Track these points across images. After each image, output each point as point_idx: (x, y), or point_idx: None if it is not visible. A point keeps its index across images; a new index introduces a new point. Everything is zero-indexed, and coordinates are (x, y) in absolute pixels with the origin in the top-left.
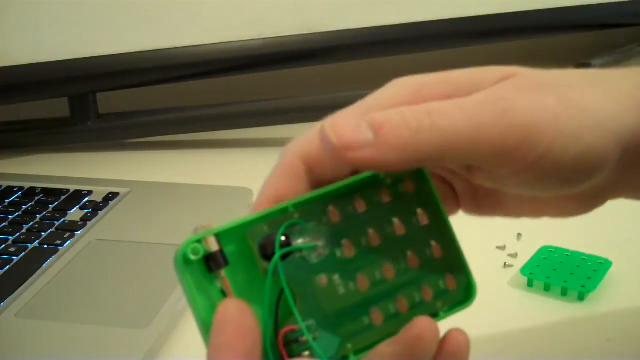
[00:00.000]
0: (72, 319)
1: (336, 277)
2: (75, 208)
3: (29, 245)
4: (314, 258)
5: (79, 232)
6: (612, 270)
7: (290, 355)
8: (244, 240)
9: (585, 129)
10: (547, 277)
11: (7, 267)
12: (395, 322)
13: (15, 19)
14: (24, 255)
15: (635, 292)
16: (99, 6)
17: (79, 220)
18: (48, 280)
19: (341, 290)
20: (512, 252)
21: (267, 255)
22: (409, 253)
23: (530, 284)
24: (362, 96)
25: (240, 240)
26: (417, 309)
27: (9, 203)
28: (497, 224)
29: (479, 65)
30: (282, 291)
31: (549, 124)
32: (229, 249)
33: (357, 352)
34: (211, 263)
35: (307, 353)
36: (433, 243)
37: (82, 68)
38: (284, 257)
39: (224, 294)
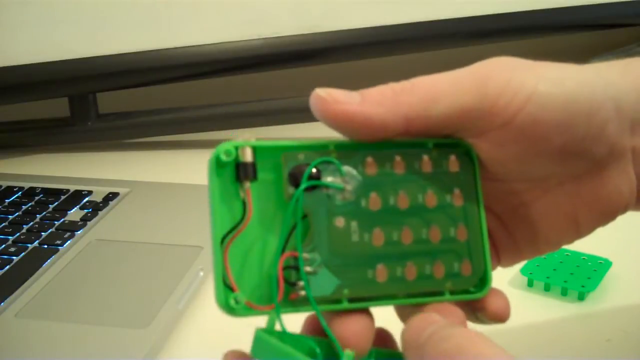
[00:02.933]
0: (72, 319)
1: (354, 224)
2: (75, 208)
3: (29, 245)
4: (338, 199)
5: (79, 232)
6: (612, 270)
7: (287, 280)
8: (277, 162)
9: (567, 79)
10: (547, 277)
11: (7, 267)
12: (399, 286)
13: (15, 19)
14: (24, 255)
15: (635, 292)
16: (99, 6)
17: (79, 220)
18: (48, 280)
19: (355, 237)
20: None
21: (295, 183)
22: (433, 226)
23: (530, 284)
24: None
25: (274, 161)
26: (424, 280)
27: (9, 203)
28: None
29: None
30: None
31: (527, 73)
32: (262, 166)
33: (352, 300)
34: (241, 172)
35: (301, 283)
36: (460, 225)
37: (82, 68)
38: (310, 189)
39: (244, 206)
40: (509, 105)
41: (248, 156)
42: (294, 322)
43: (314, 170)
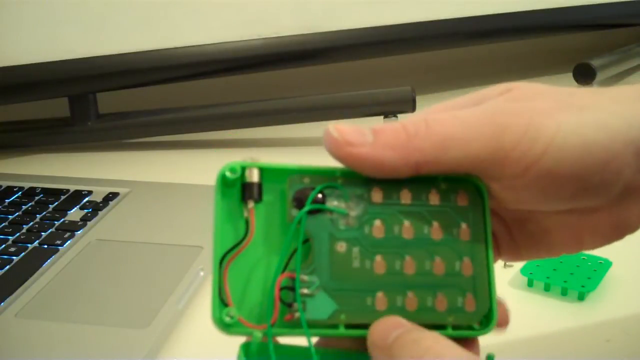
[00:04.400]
0: (72, 319)
1: (355, 250)
2: (75, 208)
3: (29, 245)
4: (342, 224)
5: (79, 232)
6: (612, 270)
7: (283, 300)
8: (283, 185)
9: (586, 126)
10: (547, 277)
11: (7, 267)
12: (399, 316)
13: (16, 19)
14: (24, 255)
15: (635, 292)
16: (99, 6)
17: (79, 220)
18: (48, 280)
19: (356, 263)
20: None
21: (299, 205)
22: (438, 259)
23: (530, 284)
24: (362, 96)
25: (280, 183)
26: (425, 312)
27: (9, 203)
28: None
29: (478, 64)
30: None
31: (546, 121)
32: (267, 187)
33: (349, 326)
34: (246, 192)
35: (297, 305)
36: (466, 260)
37: (82, 68)
38: (314, 212)
39: (247, 226)
40: (523, 157)
41: (254, 177)
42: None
43: (319, 194)
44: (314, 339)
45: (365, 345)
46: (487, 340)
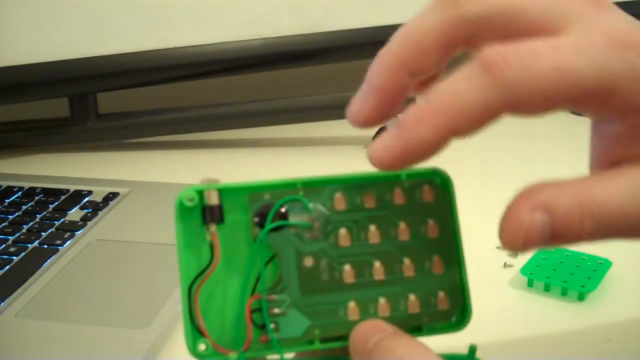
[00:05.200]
0: (72, 319)
1: (323, 262)
2: (75, 208)
3: (29, 245)
4: (306, 238)
5: (79, 232)
6: (612, 270)
7: (255, 322)
8: (243, 203)
9: None
10: (547, 277)
11: (7, 267)
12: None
13: (15, 19)
14: (24, 255)
15: (635, 292)
16: (99, 6)
17: (79, 220)
18: (48, 280)
19: (325, 276)
20: (512, 252)
21: (261, 223)
22: (407, 260)
23: (530, 284)
24: None
25: (240, 202)
26: (398, 317)
27: (9, 203)
28: (497, 224)
29: None
30: (267, 261)
31: None
32: (228, 208)
33: (324, 340)
34: (207, 215)
35: (273, 325)
36: (435, 258)
37: (82, 68)
38: (277, 229)
39: (211, 250)
40: None
41: (214, 199)
42: None
43: (282, 209)
44: (291, 355)
45: (347, 351)
46: (488, 341)
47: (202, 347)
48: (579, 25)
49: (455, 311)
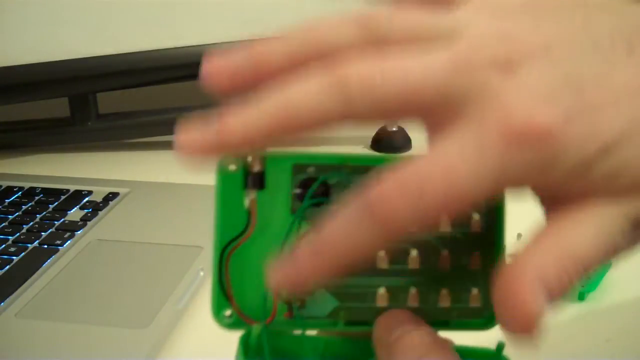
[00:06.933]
0: (72, 319)
1: None
2: (75, 208)
3: (29, 245)
4: None
5: (79, 232)
6: (612, 270)
7: (281, 297)
8: (288, 173)
9: None
10: None
11: (7, 267)
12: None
13: (16, 19)
14: (24, 255)
15: (635, 292)
16: (99, 6)
17: (79, 220)
18: (48, 280)
19: None
20: (512, 252)
21: (301, 196)
22: (445, 252)
23: None
24: None
25: (284, 172)
26: (427, 309)
27: (9, 203)
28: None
29: None
30: (302, 235)
31: None
32: (271, 176)
33: (349, 323)
34: (249, 181)
35: (299, 303)
36: (475, 253)
37: (82, 68)
38: (317, 204)
39: (249, 216)
40: None
41: (257, 166)
42: None
43: (325, 184)
44: (314, 332)
45: (369, 336)
46: (487, 342)
47: (227, 313)
48: (474, 115)
49: (487, 310)
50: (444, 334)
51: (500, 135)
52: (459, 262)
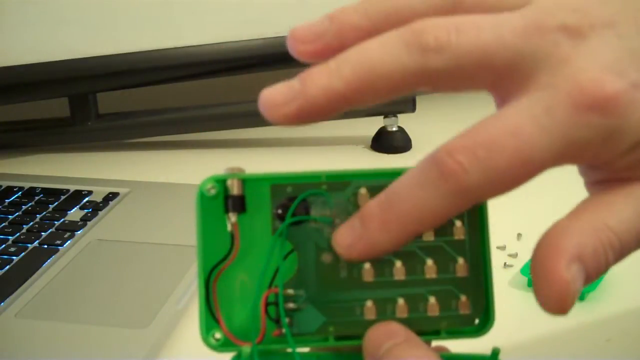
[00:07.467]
0: (72, 319)
1: (342, 259)
2: (75, 208)
3: (29, 245)
4: (327, 233)
5: (79, 232)
6: (612, 270)
7: (270, 316)
8: (266, 194)
9: None
10: None
11: (7, 267)
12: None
13: (16, 19)
14: (24, 255)
15: (635, 292)
16: (98, 6)
17: (79, 220)
18: (48, 280)
19: (343, 273)
20: (512, 252)
21: (282, 216)
22: (429, 261)
23: (530, 284)
24: None
25: (262, 193)
26: (416, 319)
27: (9, 203)
28: (497, 224)
29: None
30: (286, 254)
31: None
32: (251, 198)
33: (338, 338)
34: (229, 204)
35: (287, 320)
36: (460, 260)
37: (82, 68)
38: (298, 223)
39: (232, 239)
40: None
41: (237, 189)
42: None
43: (304, 203)
44: (305, 349)
45: (360, 349)
46: (488, 341)
47: (217, 336)
48: (543, 78)
49: (477, 316)
50: (436, 343)
51: (571, 98)
52: (445, 270)
